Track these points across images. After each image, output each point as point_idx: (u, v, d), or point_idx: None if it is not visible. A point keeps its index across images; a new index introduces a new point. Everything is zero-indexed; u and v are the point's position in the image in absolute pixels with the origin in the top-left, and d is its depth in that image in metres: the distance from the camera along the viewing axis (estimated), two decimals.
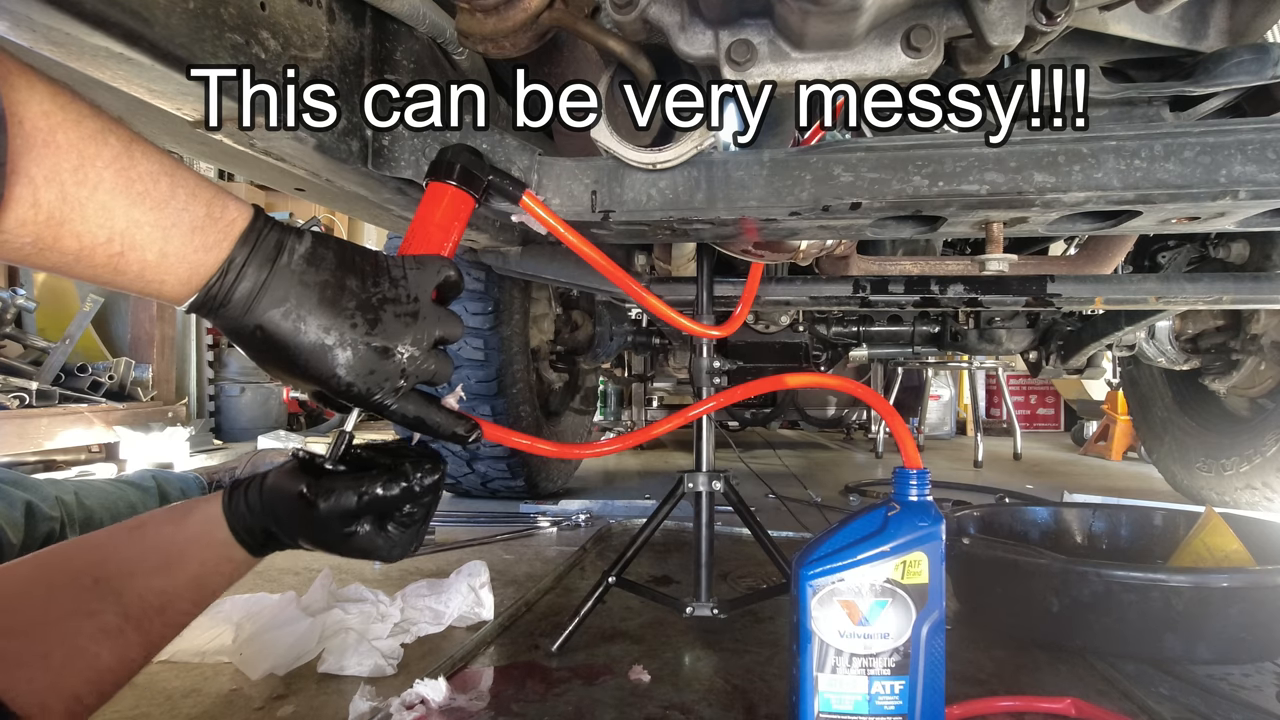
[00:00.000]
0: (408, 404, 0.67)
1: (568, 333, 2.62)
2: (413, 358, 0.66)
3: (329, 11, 0.81)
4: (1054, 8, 0.68)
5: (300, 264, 0.62)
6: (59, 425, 2.98)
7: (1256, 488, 2.22)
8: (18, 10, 0.52)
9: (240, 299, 0.60)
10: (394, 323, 0.65)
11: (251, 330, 0.61)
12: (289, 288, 0.62)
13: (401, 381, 0.66)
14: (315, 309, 0.62)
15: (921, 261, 1.65)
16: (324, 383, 0.63)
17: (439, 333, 0.68)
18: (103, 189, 0.53)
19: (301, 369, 0.62)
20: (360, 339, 0.63)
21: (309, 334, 0.62)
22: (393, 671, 1.09)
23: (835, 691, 0.76)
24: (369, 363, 0.64)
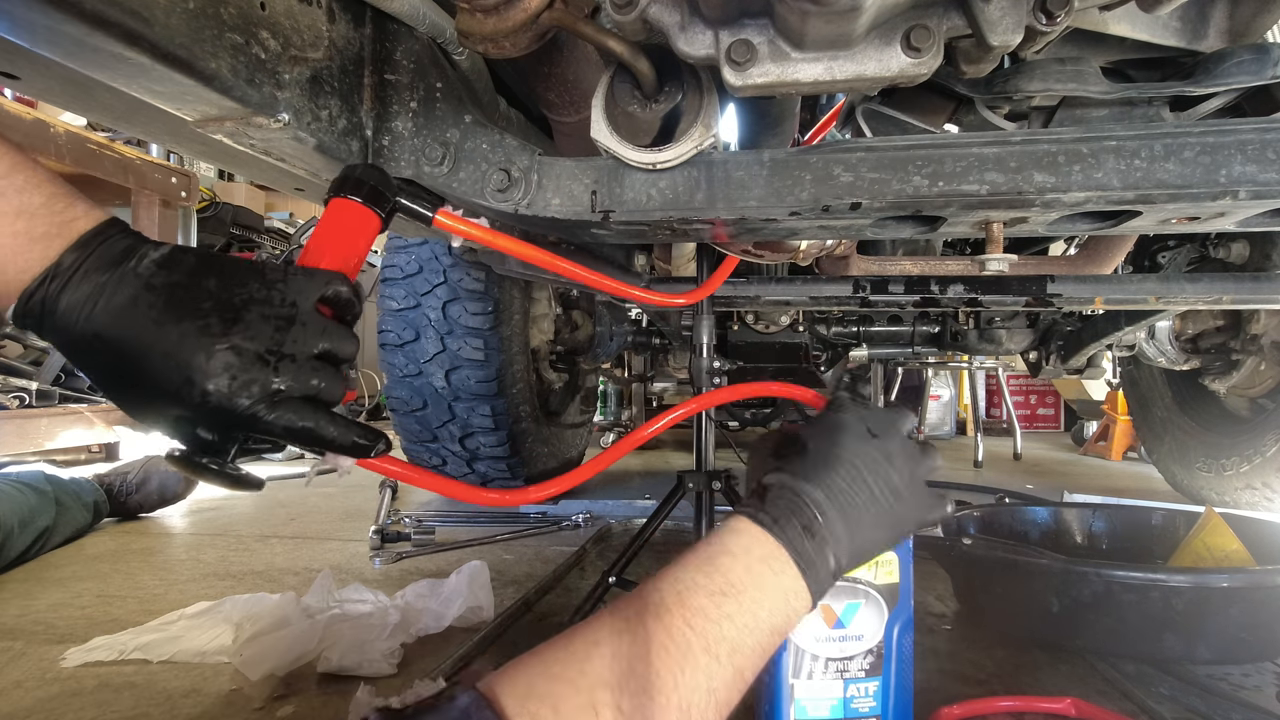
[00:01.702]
0: (290, 414, 0.57)
1: (568, 333, 2.62)
2: (288, 364, 0.57)
3: (329, 11, 0.81)
4: (1054, 8, 0.68)
5: (150, 268, 0.55)
6: (59, 425, 2.97)
7: (1256, 488, 2.22)
8: (17, 10, 0.52)
9: (74, 304, 0.53)
10: (260, 323, 0.57)
11: (89, 341, 0.54)
12: (133, 291, 0.54)
13: (276, 387, 0.56)
14: (163, 312, 0.54)
15: (921, 261, 1.65)
16: (177, 397, 0.54)
17: (324, 345, 0.60)
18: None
19: (150, 384, 0.54)
20: (216, 339, 0.55)
21: (155, 340, 0.53)
22: (392, 671, 1.09)
23: (811, 697, 0.75)
24: (228, 365, 0.55)
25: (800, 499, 0.66)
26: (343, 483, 3.03)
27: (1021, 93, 1.01)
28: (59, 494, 1.90)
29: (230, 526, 2.15)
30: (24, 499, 1.76)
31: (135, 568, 1.69)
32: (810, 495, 0.66)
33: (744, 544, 0.63)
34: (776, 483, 0.68)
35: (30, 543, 1.73)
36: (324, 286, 0.62)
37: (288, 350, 0.58)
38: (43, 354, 3.24)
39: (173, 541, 1.99)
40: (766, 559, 0.62)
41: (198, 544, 1.94)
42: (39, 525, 1.77)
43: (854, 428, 0.71)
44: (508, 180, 0.90)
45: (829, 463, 0.68)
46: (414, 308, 2.12)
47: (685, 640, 0.56)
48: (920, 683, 1.06)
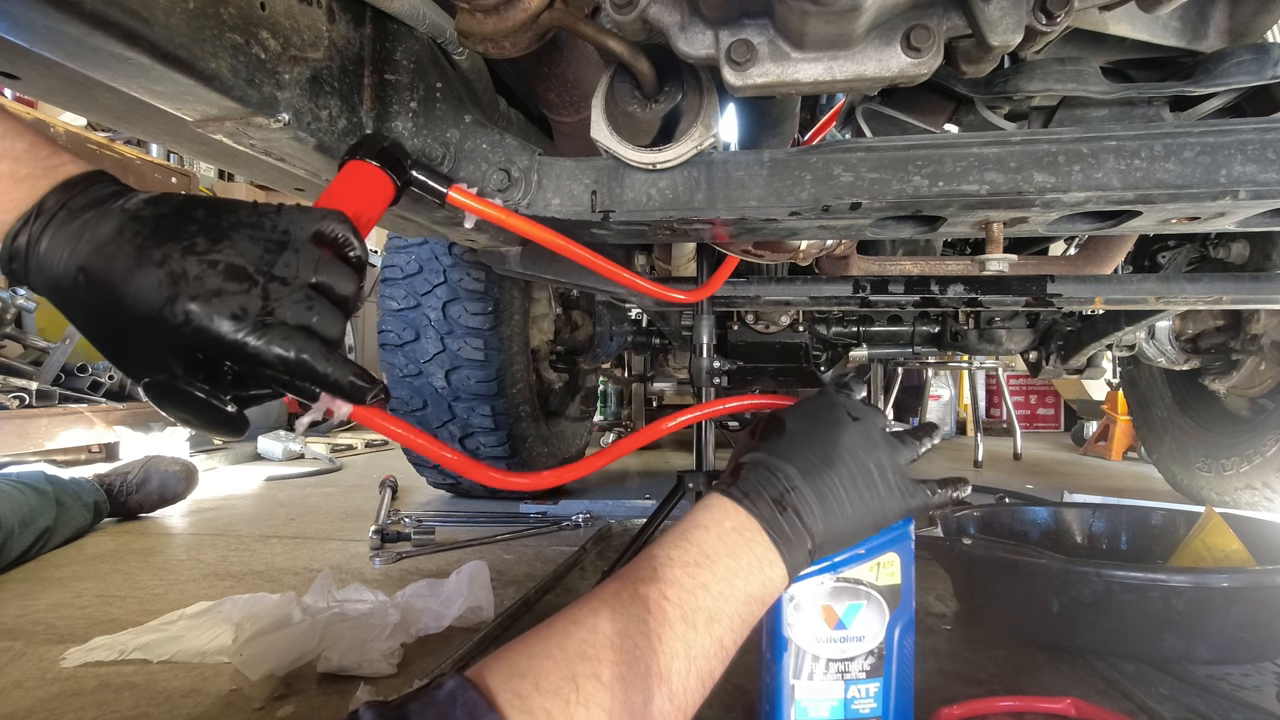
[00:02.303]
0: (281, 341, 0.53)
1: (568, 333, 2.62)
2: (279, 287, 0.54)
3: (329, 11, 0.81)
4: (1054, 8, 0.68)
5: (138, 204, 0.54)
6: (59, 425, 2.98)
7: (1256, 488, 2.22)
8: (17, 10, 0.52)
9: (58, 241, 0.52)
10: (248, 243, 0.54)
11: (73, 276, 0.52)
12: (119, 222, 0.53)
13: (265, 310, 0.53)
14: (149, 237, 0.52)
15: (921, 261, 1.65)
16: (159, 320, 0.51)
17: (320, 277, 0.57)
18: None
19: (133, 311, 0.51)
20: (201, 258, 0.52)
21: (138, 263, 0.51)
22: (392, 671, 1.09)
23: (812, 699, 0.75)
24: (210, 283, 0.52)
25: (773, 474, 0.67)
26: (343, 483, 3.03)
27: (1021, 93, 1.01)
28: (59, 494, 1.90)
29: (230, 526, 2.15)
30: (24, 499, 1.76)
31: (135, 568, 1.69)
32: (783, 470, 0.67)
33: (715, 517, 0.65)
34: (751, 460, 0.69)
35: (31, 543, 1.73)
36: (320, 221, 0.59)
37: (279, 273, 0.55)
38: (42, 354, 3.24)
39: (173, 541, 1.99)
40: (738, 529, 0.64)
41: (198, 544, 1.94)
42: (39, 525, 1.77)
43: (833, 411, 0.72)
44: (508, 180, 0.90)
45: (805, 441, 0.69)
46: (414, 308, 2.12)
47: (662, 611, 0.57)
48: (920, 683, 1.06)
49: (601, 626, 0.55)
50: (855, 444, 0.70)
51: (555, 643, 0.54)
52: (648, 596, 0.57)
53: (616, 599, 0.57)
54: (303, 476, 3.20)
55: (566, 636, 0.54)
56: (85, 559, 1.79)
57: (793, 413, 0.74)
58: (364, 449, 4.20)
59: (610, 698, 0.51)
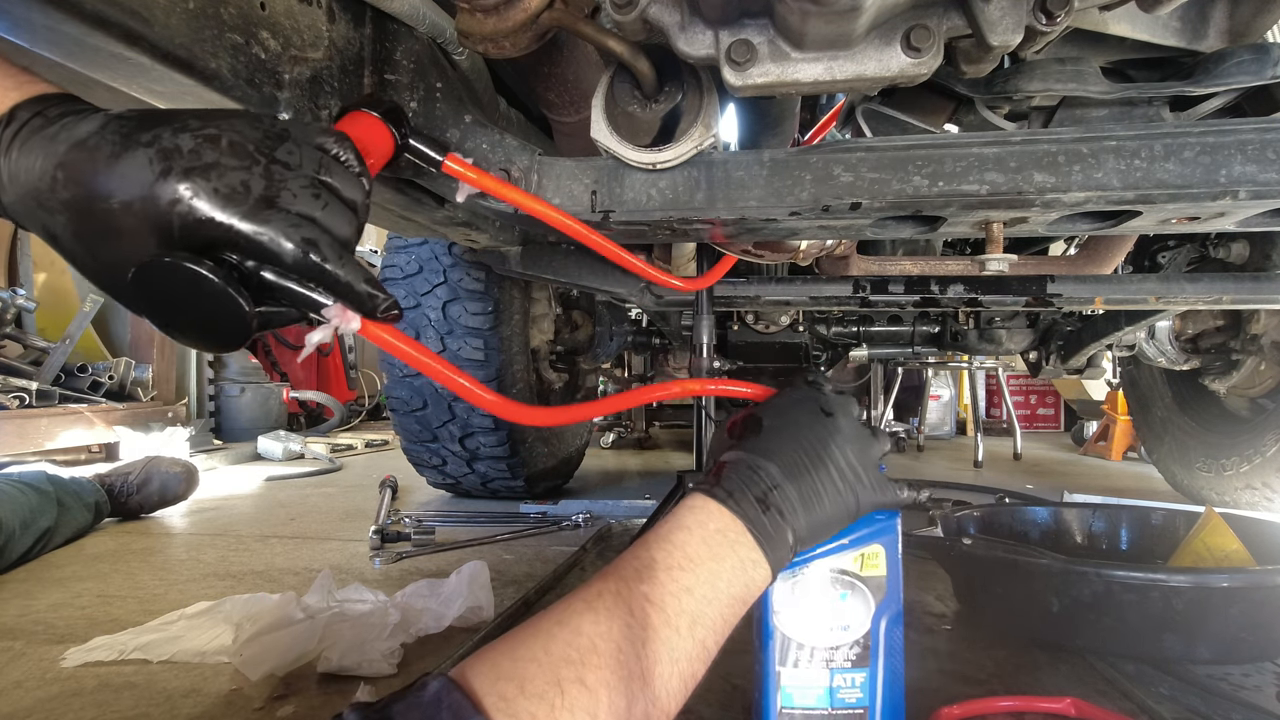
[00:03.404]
0: (288, 228, 0.47)
1: (568, 333, 2.62)
2: (281, 170, 0.49)
3: (329, 11, 0.81)
4: (1054, 8, 0.68)
5: (121, 109, 0.49)
6: (59, 425, 2.98)
7: (1256, 488, 2.22)
8: (17, 10, 0.52)
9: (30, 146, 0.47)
10: (245, 126, 0.49)
11: (51, 176, 0.46)
12: (101, 121, 0.48)
13: (267, 192, 0.47)
14: (134, 127, 0.47)
15: (921, 261, 1.65)
16: (149, 204, 0.45)
17: (326, 176, 0.52)
18: None
19: (118, 201, 0.45)
20: (195, 134, 0.47)
21: (124, 149, 0.46)
22: (392, 671, 1.09)
23: (797, 686, 0.76)
24: (207, 156, 0.46)
25: (755, 473, 0.67)
26: (343, 483, 3.03)
27: (1021, 93, 1.01)
28: (60, 494, 1.90)
29: (230, 526, 2.15)
30: (25, 500, 1.76)
31: (135, 568, 1.69)
32: (764, 469, 0.67)
33: (699, 519, 0.65)
34: (732, 459, 0.69)
35: (32, 544, 1.73)
36: (321, 134, 0.54)
37: (281, 158, 0.49)
38: (42, 354, 3.24)
39: (173, 541, 1.99)
40: (722, 530, 0.64)
41: (198, 544, 1.94)
42: (40, 526, 1.77)
43: (808, 405, 0.73)
44: (508, 179, 0.90)
45: (783, 438, 0.70)
46: (414, 308, 2.12)
47: (645, 615, 0.57)
48: (920, 682, 1.06)
49: (586, 629, 0.55)
50: (832, 439, 0.70)
51: (540, 645, 0.54)
52: (631, 600, 0.58)
53: (600, 601, 0.57)
54: (303, 476, 3.20)
55: (551, 639, 0.54)
56: (85, 559, 1.79)
57: (768, 409, 0.74)
58: (364, 449, 4.20)
59: (594, 702, 0.52)
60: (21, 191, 0.48)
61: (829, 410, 0.73)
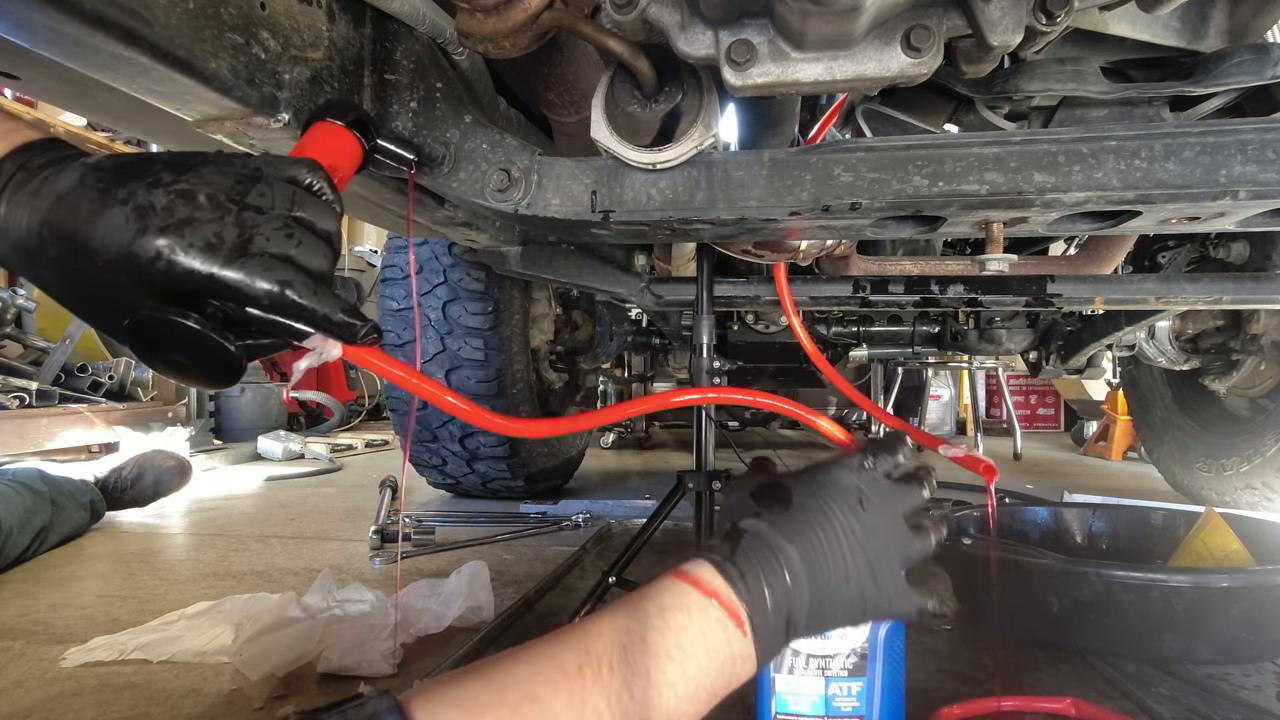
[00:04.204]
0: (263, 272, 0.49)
1: (568, 333, 2.62)
2: (253, 215, 0.50)
3: (329, 11, 0.81)
4: (1054, 8, 0.68)
5: (98, 158, 0.51)
6: (59, 425, 2.98)
7: (1256, 488, 2.22)
8: (17, 10, 0.52)
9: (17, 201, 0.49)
10: (216, 175, 0.51)
11: (37, 233, 0.48)
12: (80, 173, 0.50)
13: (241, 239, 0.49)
14: (111, 181, 0.49)
15: (921, 261, 1.65)
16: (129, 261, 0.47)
17: (298, 211, 0.53)
18: None
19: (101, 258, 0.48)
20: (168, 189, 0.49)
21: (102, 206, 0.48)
22: (392, 671, 1.09)
23: (792, 692, 0.76)
24: (180, 212, 0.48)
25: (775, 556, 0.61)
26: (343, 483, 3.03)
27: (1021, 93, 1.01)
28: (54, 494, 1.90)
29: (230, 526, 2.15)
30: (20, 499, 1.76)
31: (135, 568, 1.69)
32: (785, 553, 0.61)
33: (700, 600, 0.58)
34: (753, 530, 0.63)
35: (29, 543, 1.73)
36: (290, 166, 0.55)
37: (253, 203, 0.51)
38: (42, 354, 3.24)
39: (173, 541, 1.99)
40: (723, 620, 0.58)
41: (198, 544, 1.94)
42: (36, 525, 1.77)
43: (847, 493, 0.66)
44: (508, 180, 0.90)
45: (812, 522, 0.63)
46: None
47: (623, 708, 0.53)
48: (920, 683, 1.06)
49: (559, 712, 0.51)
50: (863, 540, 0.64)
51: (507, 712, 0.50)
52: (611, 687, 0.53)
53: (580, 679, 0.53)
54: (303, 476, 3.20)
55: (518, 712, 0.50)
56: (85, 559, 1.79)
57: (802, 484, 0.67)
58: (364, 449, 4.20)
59: None
60: (12, 246, 0.50)
61: (867, 504, 0.66)
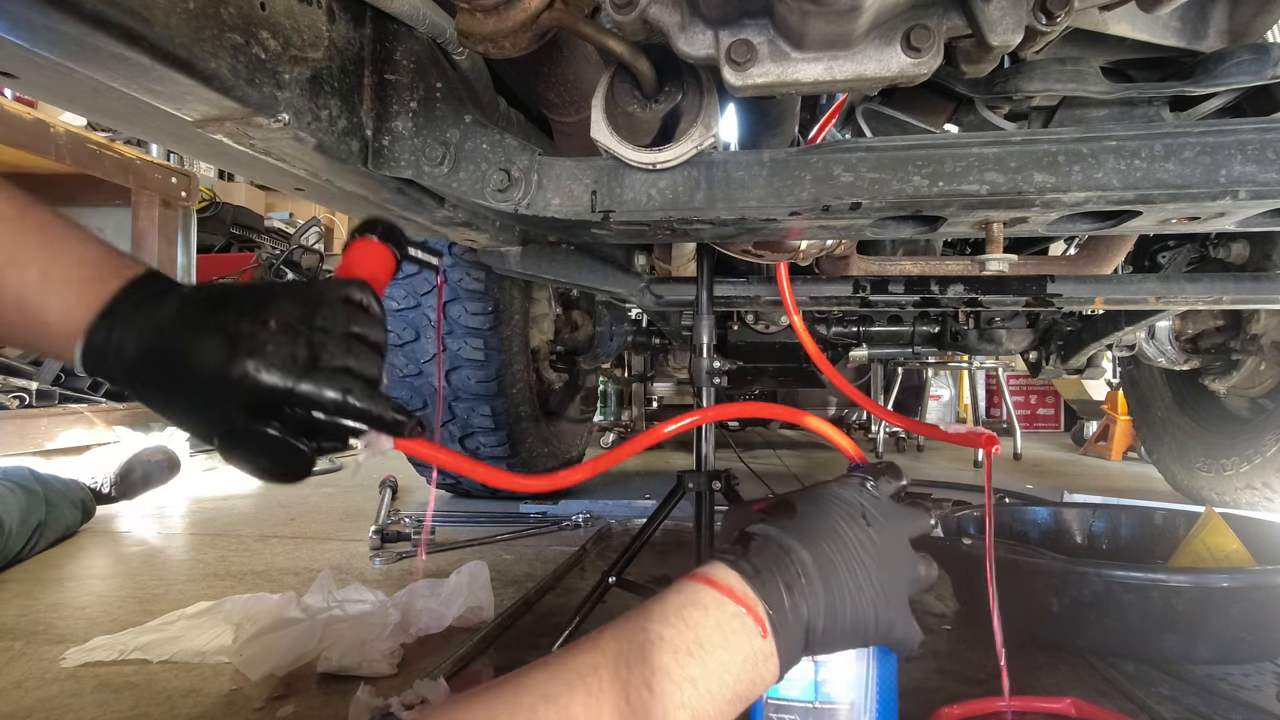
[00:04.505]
0: (328, 382, 0.60)
1: (568, 333, 2.62)
2: (320, 335, 0.61)
3: (329, 11, 0.81)
4: (1054, 8, 0.68)
5: (191, 290, 0.63)
6: (59, 425, 2.97)
7: (1256, 488, 2.22)
8: (18, 10, 0.52)
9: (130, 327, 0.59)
10: (290, 304, 0.62)
11: (143, 356, 0.59)
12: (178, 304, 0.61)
13: (311, 357, 0.60)
14: (204, 312, 0.60)
15: (921, 261, 1.65)
16: (223, 379, 0.58)
17: (355, 327, 0.64)
18: None
19: (198, 377, 0.58)
20: (253, 319, 0.60)
21: (199, 333, 0.59)
22: (392, 671, 1.09)
23: None
24: (263, 338, 0.59)
25: (786, 555, 0.61)
26: (343, 483, 3.03)
27: (1021, 93, 1.01)
28: (48, 493, 1.90)
29: (230, 526, 2.15)
30: (16, 499, 1.76)
31: (135, 568, 1.69)
32: (795, 552, 0.61)
33: (716, 597, 0.58)
34: (762, 533, 0.64)
35: (25, 541, 1.74)
36: (347, 287, 0.67)
37: (320, 324, 0.62)
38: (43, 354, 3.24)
39: (173, 541, 2.00)
40: (741, 615, 0.57)
41: (198, 544, 1.94)
42: (32, 524, 1.77)
43: (850, 507, 0.67)
44: (508, 180, 0.90)
45: (820, 530, 0.64)
46: (414, 308, 2.12)
47: (642, 703, 0.52)
48: (920, 683, 1.06)
49: (575, 711, 0.50)
50: (872, 554, 0.64)
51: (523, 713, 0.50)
52: (629, 683, 0.52)
53: (595, 678, 0.52)
54: None
55: (534, 713, 0.50)
56: (85, 559, 1.79)
57: (805, 497, 0.68)
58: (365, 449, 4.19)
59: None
60: (123, 368, 0.60)
61: (870, 520, 0.66)
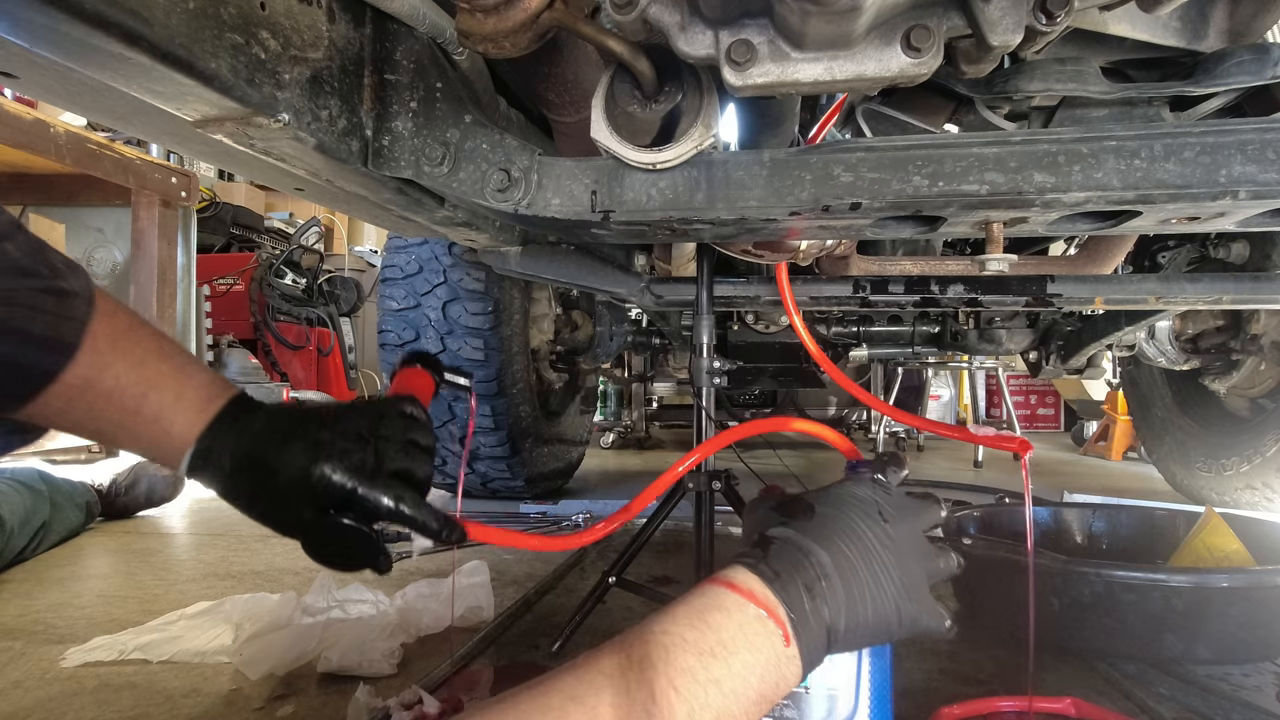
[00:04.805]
0: (385, 490, 0.70)
1: (568, 333, 2.62)
2: (385, 443, 0.72)
3: (329, 11, 0.81)
4: (1054, 8, 0.68)
5: (274, 408, 0.75)
6: None
7: (1256, 488, 2.22)
8: (18, 10, 0.52)
9: (228, 438, 0.70)
10: (359, 418, 0.73)
11: (239, 463, 0.70)
12: (267, 420, 0.72)
13: (377, 462, 0.71)
14: (290, 425, 0.72)
15: (921, 261, 1.65)
16: (304, 479, 0.68)
17: (411, 435, 0.75)
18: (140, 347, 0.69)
19: (283, 478, 0.69)
20: (331, 429, 0.71)
21: (286, 442, 0.70)
22: (392, 671, 1.09)
23: None
24: (340, 445, 0.70)
25: (806, 557, 0.62)
26: None
27: (1021, 93, 1.01)
28: (53, 494, 1.90)
29: (230, 526, 2.15)
30: (20, 499, 1.76)
31: (135, 568, 1.69)
32: (815, 554, 0.62)
33: (738, 600, 0.59)
34: (781, 536, 0.64)
35: (28, 541, 1.74)
36: (401, 403, 0.79)
37: (383, 433, 0.73)
38: None
39: (173, 541, 2.00)
40: (762, 618, 0.58)
41: (198, 544, 1.94)
42: (35, 524, 1.77)
43: (866, 504, 0.68)
44: (508, 180, 0.90)
45: (837, 530, 0.64)
46: (414, 308, 2.12)
47: (668, 703, 0.52)
48: (920, 683, 1.06)
49: (603, 712, 0.51)
50: (885, 546, 0.65)
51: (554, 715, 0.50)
52: (654, 684, 0.53)
53: (622, 679, 0.53)
54: None
55: (564, 714, 0.51)
56: (85, 559, 1.79)
57: (822, 497, 0.69)
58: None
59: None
60: (221, 473, 0.70)
61: (887, 516, 0.67)
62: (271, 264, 4.95)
